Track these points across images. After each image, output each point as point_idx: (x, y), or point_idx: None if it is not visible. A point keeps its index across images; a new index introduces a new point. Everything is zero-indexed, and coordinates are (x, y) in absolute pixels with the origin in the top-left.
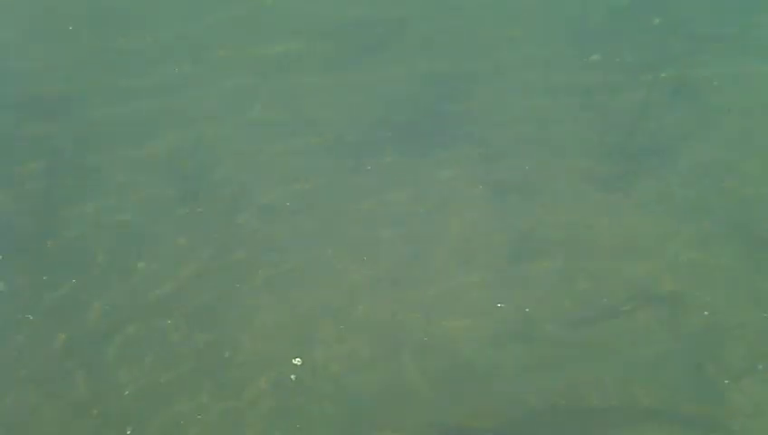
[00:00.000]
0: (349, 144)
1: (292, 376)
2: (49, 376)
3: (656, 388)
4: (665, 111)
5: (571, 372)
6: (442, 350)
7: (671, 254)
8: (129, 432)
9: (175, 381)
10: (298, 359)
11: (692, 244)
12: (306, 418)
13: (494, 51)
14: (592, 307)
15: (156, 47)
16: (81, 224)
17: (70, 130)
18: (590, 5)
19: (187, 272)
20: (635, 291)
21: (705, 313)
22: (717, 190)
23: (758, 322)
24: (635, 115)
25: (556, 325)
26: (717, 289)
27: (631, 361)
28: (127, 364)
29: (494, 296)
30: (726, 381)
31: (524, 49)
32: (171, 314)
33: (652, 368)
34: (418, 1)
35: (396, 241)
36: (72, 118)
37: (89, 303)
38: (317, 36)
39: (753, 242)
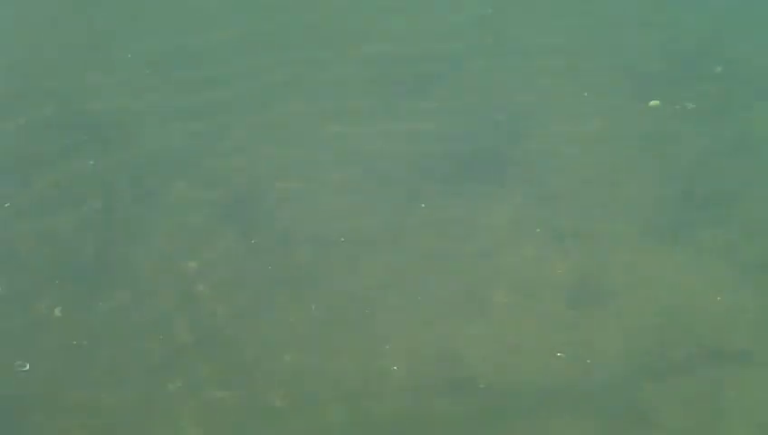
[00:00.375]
0: (403, 181)
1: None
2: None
3: None
4: (726, 161)
5: (630, 429)
6: (494, 394)
7: (736, 309)
8: None
9: (230, 400)
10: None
11: (759, 300)
12: None
13: (553, 93)
14: (653, 362)
15: (218, 81)
16: (139, 254)
17: (127, 158)
18: (651, 51)
19: (242, 302)
20: (698, 347)
21: None
22: None
23: None
24: (695, 164)
25: (616, 379)
26: None
27: (696, 419)
28: (184, 397)
29: (552, 344)
30: None
31: (583, 92)
32: (227, 345)
33: (718, 427)
34: (474, 39)
35: (450, 282)
36: (130, 146)
37: (145, 331)
38: (370, 73)
39: None
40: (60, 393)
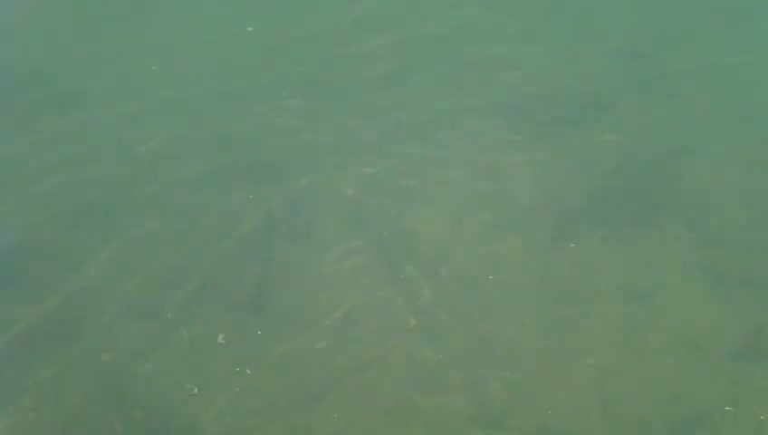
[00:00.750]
0: (550, 219)
1: None
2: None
3: None
4: None
5: None
6: None
7: None
8: None
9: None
10: None
11: None
12: None
13: (707, 132)
14: None
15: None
16: (295, 285)
17: (282, 191)
18: None
19: (396, 340)
20: None
21: None
22: None
23: None
24: None
25: None
26: None
27: None
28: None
29: (718, 397)
30: None
31: (741, 132)
32: (369, 369)
33: None
34: (628, 73)
35: (603, 329)
36: (286, 180)
37: (304, 361)
38: (518, 108)
39: None
40: (224, 418)
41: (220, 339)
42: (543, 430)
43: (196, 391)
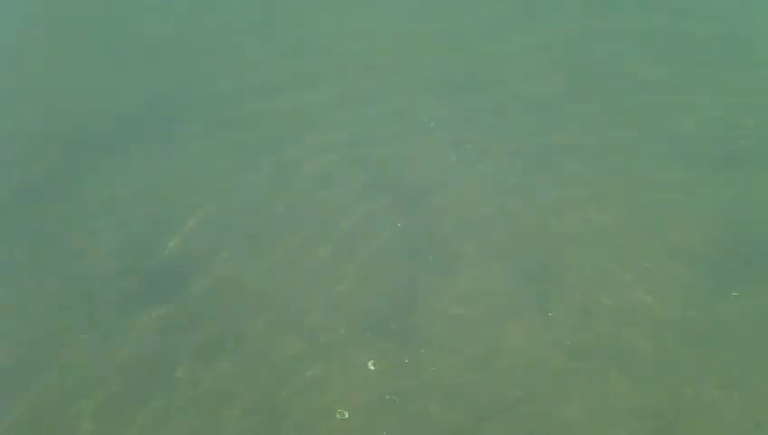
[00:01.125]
0: (712, 264)
1: None
2: None
3: None
4: None
5: None
6: None
7: None
8: None
9: None
10: None
11: None
12: None
13: None
14: None
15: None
16: (439, 316)
17: (431, 222)
18: None
19: (540, 380)
20: None
21: None
22: None
23: None
24: None
25: None
26: None
27: None
28: None
29: None
30: None
31: None
32: (517, 407)
33: None
34: None
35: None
36: (434, 211)
37: (440, 392)
38: (679, 146)
39: None
40: None
41: (370, 365)
42: None
43: (347, 415)
